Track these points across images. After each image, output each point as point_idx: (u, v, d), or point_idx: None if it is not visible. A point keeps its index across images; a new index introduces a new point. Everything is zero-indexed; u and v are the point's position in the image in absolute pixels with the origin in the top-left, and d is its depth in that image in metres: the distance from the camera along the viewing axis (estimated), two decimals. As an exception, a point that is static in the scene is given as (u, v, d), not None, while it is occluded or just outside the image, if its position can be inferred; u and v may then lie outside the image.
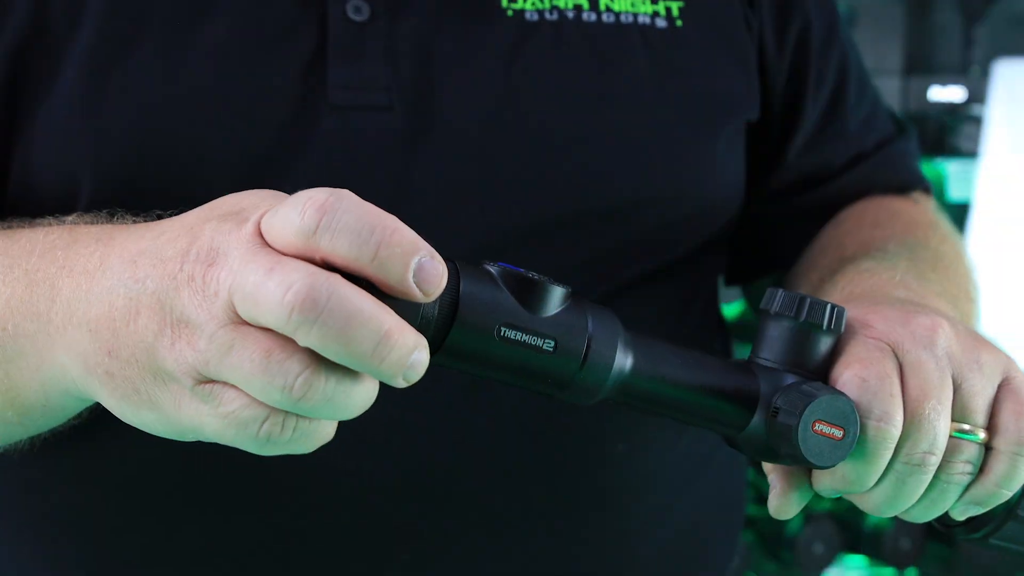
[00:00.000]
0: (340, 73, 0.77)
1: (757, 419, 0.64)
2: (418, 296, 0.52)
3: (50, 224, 0.67)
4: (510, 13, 0.81)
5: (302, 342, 0.51)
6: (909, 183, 0.99)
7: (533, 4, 0.81)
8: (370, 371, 0.52)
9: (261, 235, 0.53)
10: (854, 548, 1.93)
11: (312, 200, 0.52)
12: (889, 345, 0.65)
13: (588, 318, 0.59)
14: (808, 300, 0.64)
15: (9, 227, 0.70)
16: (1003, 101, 2.07)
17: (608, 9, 0.83)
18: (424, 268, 0.52)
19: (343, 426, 0.57)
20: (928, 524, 0.70)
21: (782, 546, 1.88)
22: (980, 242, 2.02)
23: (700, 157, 0.84)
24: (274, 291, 0.50)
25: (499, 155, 0.79)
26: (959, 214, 2.07)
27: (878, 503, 0.65)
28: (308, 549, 0.80)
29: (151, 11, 0.76)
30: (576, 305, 0.59)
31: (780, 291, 0.65)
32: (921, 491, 0.65)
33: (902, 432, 0.63)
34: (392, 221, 0.52)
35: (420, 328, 0.54)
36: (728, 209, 0.88)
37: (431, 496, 0.80)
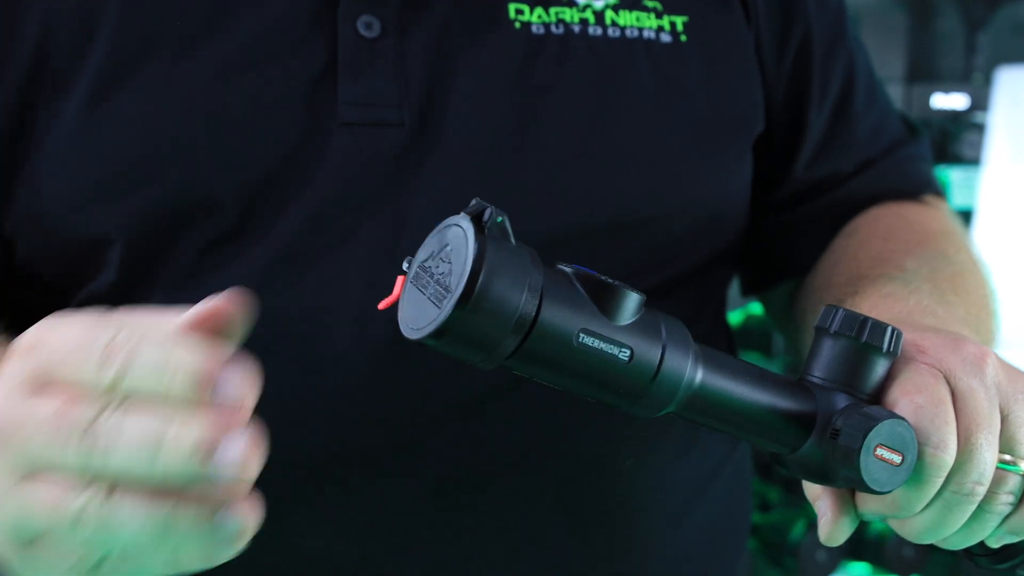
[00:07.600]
0: (350, 90, 0.77)
1: (812, 440, 0.62)
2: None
3: None
4: (517, 26, 0.81)
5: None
6: (920, 187, 0.98)
7: (539, 17, 0.82)
8: (154, 477, 0.49)
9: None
10: (857, 556, 1.93)
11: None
12: (941, 371, 0.65)
13: (662, 327, 0.58)
14: (870, 321, 0.64)
15: None
16: (1005, 108, 2.07)
17: (614, 24, 0.83)
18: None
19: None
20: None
21: (785, 553, 1.88)
22: (983, 249, 2.02)
23: (706, 172, 0.84)
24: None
25: (506, 170, 0.79)
26: (962, 222, 2.07)
27: (920, 530, 0.65)
28: (318, 559, 0.80)
29: (162, 30, 0.76)
30: (650, 313, 0.58)
31: (840, 310, 0.64)
32: (964, 520, 0.65)
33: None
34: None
35: (515, 328, 0.53)
36: (734, 223, 0.88)
37: (443, 508, 0.80)
